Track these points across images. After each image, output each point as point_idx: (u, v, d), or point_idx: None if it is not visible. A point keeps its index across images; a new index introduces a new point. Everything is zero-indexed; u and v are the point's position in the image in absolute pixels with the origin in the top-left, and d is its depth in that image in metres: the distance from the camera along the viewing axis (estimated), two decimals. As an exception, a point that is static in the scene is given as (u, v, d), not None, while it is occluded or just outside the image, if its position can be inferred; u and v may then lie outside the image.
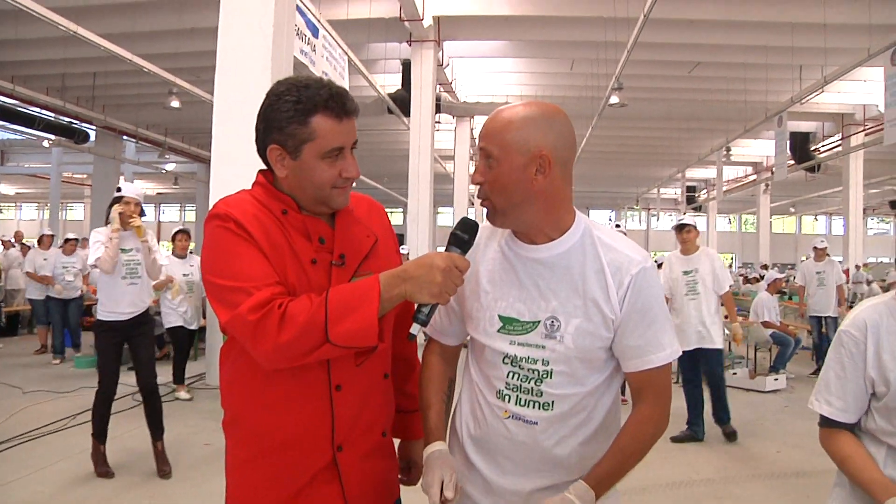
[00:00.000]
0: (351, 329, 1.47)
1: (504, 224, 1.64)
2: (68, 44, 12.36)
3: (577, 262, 1.60)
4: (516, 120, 1.57)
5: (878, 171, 23.91)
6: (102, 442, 5.00)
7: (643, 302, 1.57)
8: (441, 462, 1.63)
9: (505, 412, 1.65)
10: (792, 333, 9.33)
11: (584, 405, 1.62)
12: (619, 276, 1.57)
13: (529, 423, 1.62)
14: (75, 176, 33.17)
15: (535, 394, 1.61)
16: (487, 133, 1.59)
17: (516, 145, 1.55)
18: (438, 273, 1.50)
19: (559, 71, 17.41)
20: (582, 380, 1.61)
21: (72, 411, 6.60)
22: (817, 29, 12.29)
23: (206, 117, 7.79)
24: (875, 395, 1.77)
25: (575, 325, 1.57)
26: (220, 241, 1.58)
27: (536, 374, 1.61)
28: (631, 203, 37.93)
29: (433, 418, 1.73)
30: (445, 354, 1.84)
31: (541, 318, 1.60)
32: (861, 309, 1.80)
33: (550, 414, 1.61)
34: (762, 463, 5.59)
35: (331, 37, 10.28)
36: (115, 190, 5.32)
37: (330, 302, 1.48)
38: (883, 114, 10.99)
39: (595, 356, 1.60)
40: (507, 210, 1.59)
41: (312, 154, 1.59)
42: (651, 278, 1.59)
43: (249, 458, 1.66)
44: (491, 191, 1.59)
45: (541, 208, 1.59)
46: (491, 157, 1.57)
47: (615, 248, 1.61)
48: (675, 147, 23.79)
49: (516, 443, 1.64)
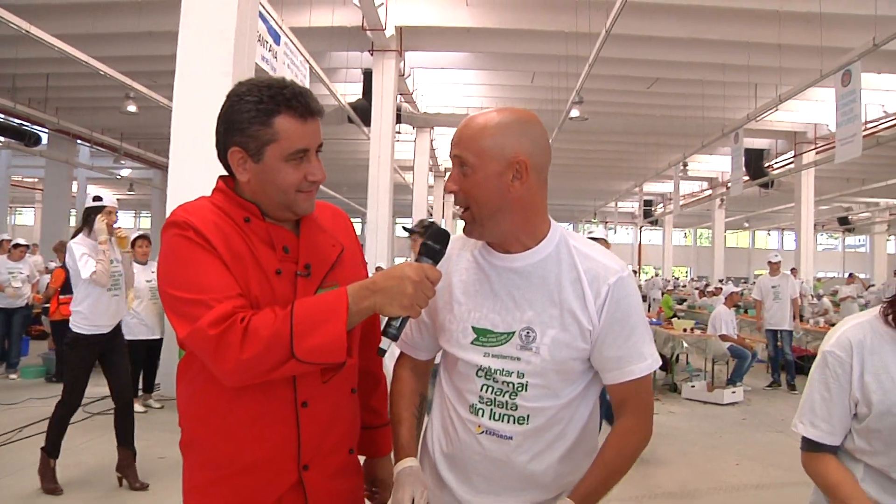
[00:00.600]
0: (318, 344, 1.40)
1: (482, 235, 1.60)
2: (20, 43, 12.03)
3: (553, 271, 1.56)
4: (491, 126, 1.53)
5: (828, 189, 24.60)
6: (54, 457, 4.82)
7: (622, 312, 1.54)
8: (411, 479, 1.57)
9: (478, 427, 1.60)
10: (749, 347, 9.48)
11: (559, 418, 1.58)
12: (597, 285, 1.54)
13: (504, 437, 1.57)
14: (26, 179, 32.36)
15: (510, 407, 1.57)
16: (461, 140, 1.55)
17: (492, 152, 1.51)
18: (409, 285, 1.44)
19: (520, 84, 17.53)
20: (557, 392, 1.57)
21: (18, 424, 6.35)
22: (772, 49, 12.59)
23: (164, 122, 7.64)
24: (856, 417, 1.74)
25: (551, 336, 1.53)
26: (179, 250, 1.49)
27: (511, 386, 1.56)
28: (588, 216, 38.34)
29: (404, 434, 1.67)
30: (417, 369, 1.79)
31: (515, 328, 1.56)
32: (846, 328, 1.76)
33: (525, 428, 1.57)
34: (722, 476, 5.62)
35: (292, 44, 10.20)
36: (93, 199, 5.18)
37: (296, 316, 1.41)
38: (834, 133, 11.27)
39: (571, 368, 1.56)
40: (484, 219, 1.55)
41: (276, 156, 1.52)
42: (629, 287, 1.56)
43: (211, 481, 1.58)
44: (467, 199, 1.55)
45: (518, 216, 1.55)
46: (466, 164, 1.53)
47: (592, 258, 1.57)
48: (634, 161, 24.12)
49: (490, 459, 1.59)
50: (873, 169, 22.55)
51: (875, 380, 1.68)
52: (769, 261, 10.44)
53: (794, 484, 1.90)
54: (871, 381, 1.69)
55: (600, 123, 18.12)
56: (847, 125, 9.63)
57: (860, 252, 45.01)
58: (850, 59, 9.49)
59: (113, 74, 12.41)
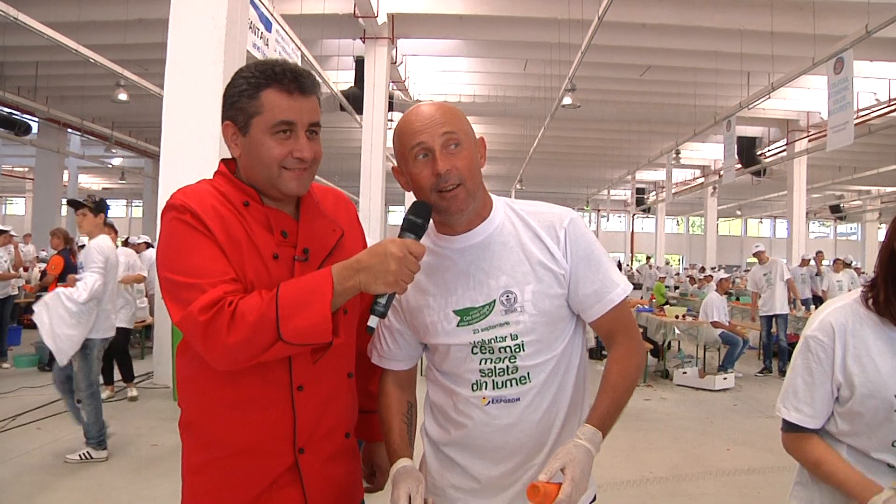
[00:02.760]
0: (304, 325, 1.40)
1: (470, 208, 1.62)
2: (8, 30, 11.97)
3: (511, 234, 1.65)
4: (457, 110, 1.64)
5: (820, 177, 24.67)
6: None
7: (584, 248, 1.64)
8: (406, 476, 1.59)
9: (483, 399, 1.63)
10: (740, 333, 9.53)
11: (556, 370, 1.65)
12: (553, 231, 1.64)
13: (511, 401, 1.62)
14: (16, 169, 32.16)
15: (511, 371, 1.62)
16: (448, 119, 1.58)
17: (470, 130, 1.63)
18: (393, 261, 1.43)
19: (512, 71, 17.49)
20: (551, 344, 1.64)
21: (11, 413, 6.35)
22: (765, 37, 12.60)
23: (155, 111, 7.60)
24: (838, 400, 1.75)
25: (530, 290, 1.61)
26: (176, 234, 1.50)
27: (509, 350, 1.61)
28: (581, 204, 38.34)
29: (395, 439, 1.69)
30: (400, 381, 1.80)
31: (494, 296, 1.61)
32: (827, 311, 1.77)
33: (529, 386, 1.62)
34: (713, 460, 5.67)
35: (284, 31, 10.15)
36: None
37: (281, 298, 1.41)
38: (826, 121, 11.29)
39: (557, 316, 1.64)
40: (475, 191, 1.61)
41: (260, 128, 1.53)
42: (581, 226, 1.67)
43: (207, 462, 1.59)
44: (464, 175, 1.57)
45: (483, 189, 1.66)
46: (458, 141, 1.58)
47: (539, 212, 1.68)
48: (626, 149, 24.13)
49: (501, 428, 1.63)
50: (865, 157, 22.63)
51: (857, 363, 1.69)
52: (754, 252, 10.50)
53: (785, 468, 1.93)
54: (853, 364, 1.70)
55: (592, 111, 18.11)
56: (839, 113, 9.65)
57: (852, 240, 45.21)
58: (843, 46, 9.50)
59: (103, 62, 12.33)
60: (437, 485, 1.71)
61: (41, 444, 5.53)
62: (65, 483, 4.72)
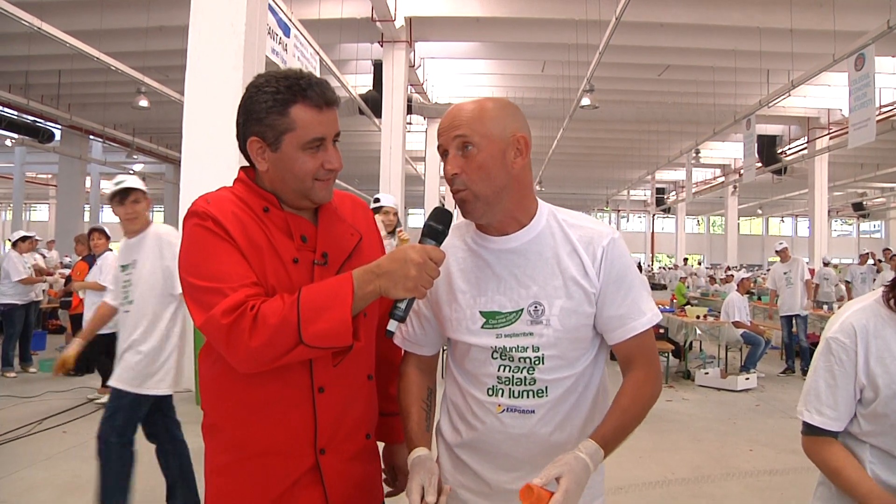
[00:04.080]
0: (325, 329, 1.43)
1: (485, 214, 1.61)
2: (32, 40, 12.11)
3: (549, 245, 1.62)
4: (490, 108, 1.59)
5: (842, 174, 24.41)
6: None
7: (618, 270, 1.60)
8: (421, 467, 1.59)
9: (499, 406, 1.63)
10: (762, 333, 9.45)
11: (575, 387, 1.63)
12: (592, 249, 1.60)
13: (525, 412, 1.61)
14: (39, 176, 32.58)
15: (529, 382, 1.61)
16: (463, 122, 1.57)
17: (497, 130, 1.57)
18: (413, 267, 1.45)
19: (530, 73, 17.48)
20: (573, 362, 1.62)
21: (36, 417, 6.44)
22: (784, 34, 12.49)
23: (175, 117, 7.68)
24: (861, 402, 1.73)
25: (559, 305, 1.58)
26: (197, 240, 1.53)
27: (528, 361, 1.60)
28: (601, 205, 38.23)
29: (413, 427, 1.69)
30: (422, 365, 1.80)
31: (523, 305, 1.59)
32: (848, 313, 1.74)
33: (545, 400, 1.61)
34: (736, 461, 5.63)
35: (302, 36, 10.21)
36: (373, 200, 5.51)
37: (302, 302, 1.44)
38: (847, 118, 11.19)
39: (582, 335, 1.61)
40: (490, 197, 1.57)
41: (293, 145, 1.55)
42: (621, 247, 1.63)
43: (230, 464, 1.62)
44: (471, 179, 1.56)
45: (515, 194, 1.60)
46: (471, 144, 1.56)
47: (582, 226, 1.64)
48: (645, 149, 24.03)
49: (513, 436, 1.62)
50: (888, 154, 22.37)
51: (880, 364, 1.67)
52: (776, 249, 10.40)
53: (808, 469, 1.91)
54: (877, 366, 1.67)
55: (611, 112, 18.04)
56: (861, 110, 9.56)
57: (875, 238, 44.67)
58: (864, 42, 9.42)
59: (124, 70, 12.48)
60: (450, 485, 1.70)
61: (68, 447, 5.60)
62: (91, 485, 4.73)
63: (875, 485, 1.66)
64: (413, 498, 1.54)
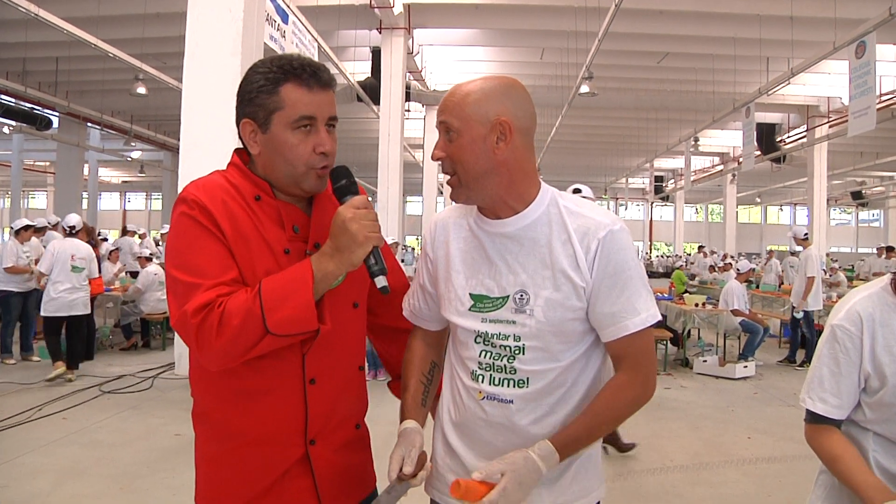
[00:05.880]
0: (288, 316, 1.42)
1: (469, 199, 1.60)
2: (29, 27, 12.06)
3: (544, 233, 1.57)
4: (474, 91, 1.55)
5: (841, 163, 24.40)
6: None
7: (614, 266, 1.52)
8: (405, 439, 1.60)
9: (480, 393, 1.61)
10: (760, 321, 9.46)
11: (560, 381, 1.57)
12: (587, 241, 1.53)
13: (504, 401, 1.58)
14: (38, 163, 32.53)
15: (509, 371, 1.58)
16: (446, 107, 1.57)
17: (476, 116, 1.53)
18: (351, 224, 1.46)
19: (529, 60, 17.43)
20: (557, 355, 1.56)
21: (37, 403, 6.46)
22: (784, 22, 12.45)
23: (173, 104, 7.66)
24: (866, 390, 1.71)
25: (544, 297, 1.54)
26: (183, 230, 1.51)
27: (508, 350, 1.57)
28: (599, 193, 38.15)
29: (408, 399, 1.70)
30: (428, 339, 1.81)
31: (510, 292, 1.57)
32: (855, 300, 1.72)
33: (525, 391, 1.57)
34: (734, 449, 5.65)
35: (301, 23, 10.16)
36: None
37: (263, 293, 1.43)
38: (847, 106, 11.16)
39: (568, 328, 1.56)
40: (470, 182, 1.56)
41: (281, 123, 1.53)
42: (620, 241, 1.54)
43: (220, 453, 1.61)
44: (454, 164, 1.56)
45: (504, 179, 1.56)
46: (451, 130, 1.55)
47: (582, 214, 1.57)
48: (644, 137, 23.99)
49: (493, 424, 1.60)
50: (887, 142, 22.36)
51: (888, 353, 1.65)
52: (803, 237, 9.81)
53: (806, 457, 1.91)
54: (884, 354, 1.65)
55: (610, 99, 18.02)
56: (861, 98, 9.53)
57: (874, 227, 44.71)
58: (865, 30, 9.38)
59: (122, 57, 12.44)
60: (439, 470, 1.71)
61: (67, 433, 5.62)
62: (91, 470, 4.80)
63: (871, 474, 1.64)
64: (392, 467, 1.56)
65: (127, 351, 9.67)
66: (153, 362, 8.59)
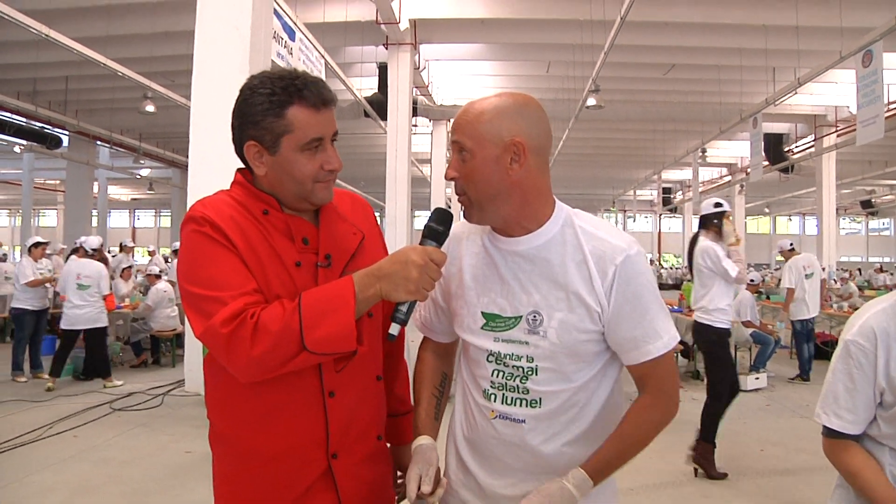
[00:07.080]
0: (328, 335, 1.40)
1: (481, 219, 1.59)
2: (40, 47, 12.18)
3: (558, 253, 1.54)
4: (488, 110, 1.52)
5: (849, 172, 24.29)
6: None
7: (633, 291, 1.51)
8: (421, 456, 1.59)
9: (492, 412, 1.60)
10: (772, 333, 9.40)
11: (574, 402, 1.56)
12: (603, 265, 1.50)
13: (517, 421, 1.57)
14: (48, 182, 32.76)
15: (521, 391, 1.56)
16: (460, 126, 1.54)
17: (490, 136, 1.50)
18: (414, 269, 1.43)
19: (535, 73, 17.46)
20: (570, 375, 1.55)
21: (47, 421, 6.46)
22: (790, 31, 12.45)
23: (182, 122, 7.71)
24: (882, 405, 1.69)
25: (558, 318, 1.52)
26: (196, 246, 1.50)
27: (521, 370, 1.56)
28: (607, 205, 38.15)
29: (421, 414, 1.69)
30: (439, 350, 1.80)
31: (522, 312, 1.55)
32: (868, 314, 1.70)
33: (538, 411, 1.56)
34: (746, 461, 5.60)
35: (307, 40, 10.23)
36: (713, 205, 5.77)
37: (304, 308, 1.41)
38: (854, 115, 11.13)
39: (582, 350, 1.54)
40: (483, 203, 1.54)
41: (291, 147, 1.52)
42: (638, 265, 1.52)
43: (240, 473, 1.59)
44: (466, 185, 1.54)
45: (517, 200, 1.53)
46: (464, 150, 1.52)
47: (598, 237, 1.54)
48: (651, 149, 23.97)
49: (505, 443, 1.59)
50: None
51: None
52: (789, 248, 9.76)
53: (819, 469, 1.87)
54: None
55: (617, 111, 18.00)
56: (869, 107, 9.49)
57: (884, 236, 44.48)
58: (871, 38, 9.35)
59: (131, 75, 12.52)
60: (452, 486, 1.69)
61: (78, 450, 5.62)
62: (102, 488, 4.80)
63: (893, 488, 1.63)
64: (410, 487, 1.54)
65: (137, 368, 9.69)
66: (163, 379, 8.59)
